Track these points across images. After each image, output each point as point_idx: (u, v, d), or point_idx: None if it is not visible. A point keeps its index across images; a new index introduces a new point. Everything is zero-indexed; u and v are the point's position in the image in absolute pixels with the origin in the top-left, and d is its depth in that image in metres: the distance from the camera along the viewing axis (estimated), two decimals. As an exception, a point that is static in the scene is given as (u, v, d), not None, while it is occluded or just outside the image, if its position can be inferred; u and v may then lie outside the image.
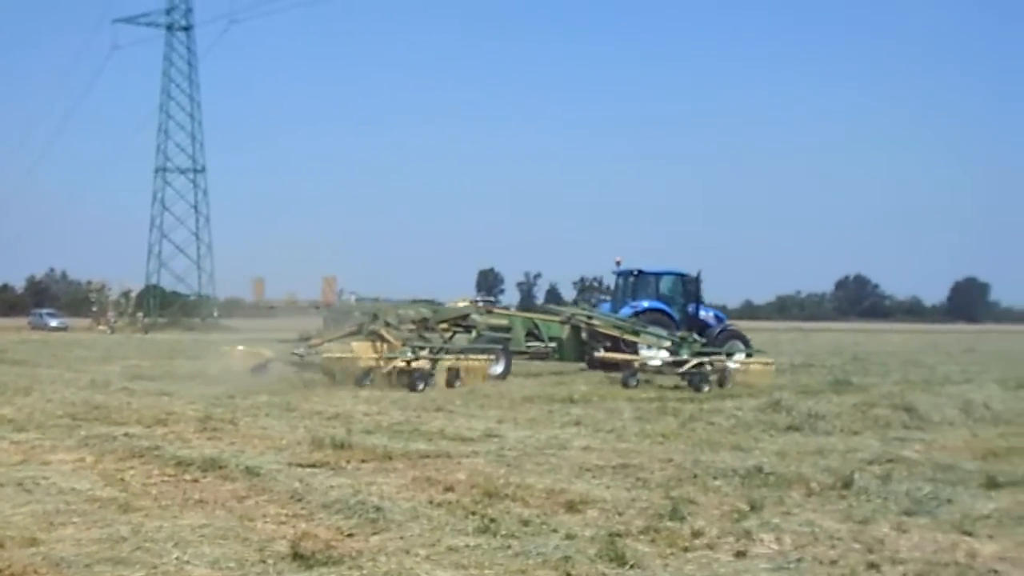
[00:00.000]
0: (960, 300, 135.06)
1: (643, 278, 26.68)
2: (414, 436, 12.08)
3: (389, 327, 20.33)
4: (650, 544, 6.91)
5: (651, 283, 26.63)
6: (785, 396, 15.15)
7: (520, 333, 23.60)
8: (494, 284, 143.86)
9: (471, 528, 7.24)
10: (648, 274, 26.72)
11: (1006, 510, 7.93)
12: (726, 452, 10.96)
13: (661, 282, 26.60)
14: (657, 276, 26.66)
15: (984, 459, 10.87)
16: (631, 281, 26.83)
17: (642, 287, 26.58)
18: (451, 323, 22.58)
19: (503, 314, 25.12)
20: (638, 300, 25.86)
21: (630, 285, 26.80)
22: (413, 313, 21.65)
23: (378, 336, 20.06)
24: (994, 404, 15.18)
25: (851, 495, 8.61)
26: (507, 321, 23.93)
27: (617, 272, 27.33)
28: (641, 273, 26.75)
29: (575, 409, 15.05)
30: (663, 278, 26.61)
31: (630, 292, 26.62)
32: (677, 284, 26.42)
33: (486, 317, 23.35)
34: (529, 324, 24.23)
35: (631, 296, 26.37)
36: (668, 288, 26.50)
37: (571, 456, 10.60)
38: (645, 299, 25.87)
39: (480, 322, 22.70)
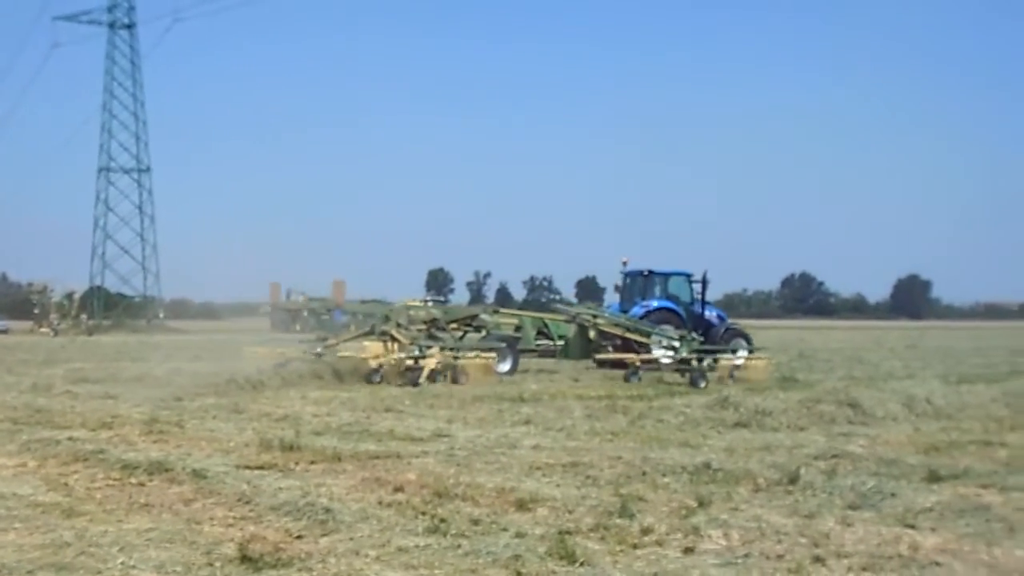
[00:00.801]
0: (903, 297, 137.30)
1: (652, 278, 27.46)
2: (364, 437, 12.03)
3: (400, 327, 21.09)
4: (600, 542, 6.94)
5: (660, 283, 27.43)
6: (733, 393, 15.30)
7: (530, 332, 24.31)
8: (444, 284, 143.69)
9: (421, 528, 7.23)
10: (658, 274, 27.50)
11: (947, 503, 8.07)
12: (675, 449, 11.04)
13: (670, 282, 27.41)
14: (666, 276, 27.47)
15: (926, 453, 11.06)
16: (640, 281, 27.56)
17: (652, 287, 27.37)
18: (461, 323, 23.37)
19: (513, 313, 26.16)
20: (648, 299, 26.70)
21: (639, 285, 27.56)
22: (424, 314, 22.70)
23: (390, 336, 20.79)
24: (936, 399, 15.44)
25: (797, 490, 8.72)
26: (518, 321, 24.78)
27: (625, 272, 27.99)
28: (651, 273, 27.52)
29: (525, 408, 15.07)
30: (671, 278, 27.43)
31: (639, 291, 27.40)
32: (684, 284, 27.25)
33: (496, 317, 24.27)
34: (539, 323, 24.97)
35: (641, 295, 27.15)
36: (676, 288, 27.30)
37: (521, 455, 10.61)
38: (655, 299, 26.73)
39: (490, 322, 23.53)
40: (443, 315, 23.24)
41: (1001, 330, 76.26)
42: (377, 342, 20.87)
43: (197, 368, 23.24)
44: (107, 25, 76.19)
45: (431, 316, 22.68)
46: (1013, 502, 8.26)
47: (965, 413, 14.82)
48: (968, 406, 15.31)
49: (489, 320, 23.75)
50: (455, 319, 23.43)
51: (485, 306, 26.72)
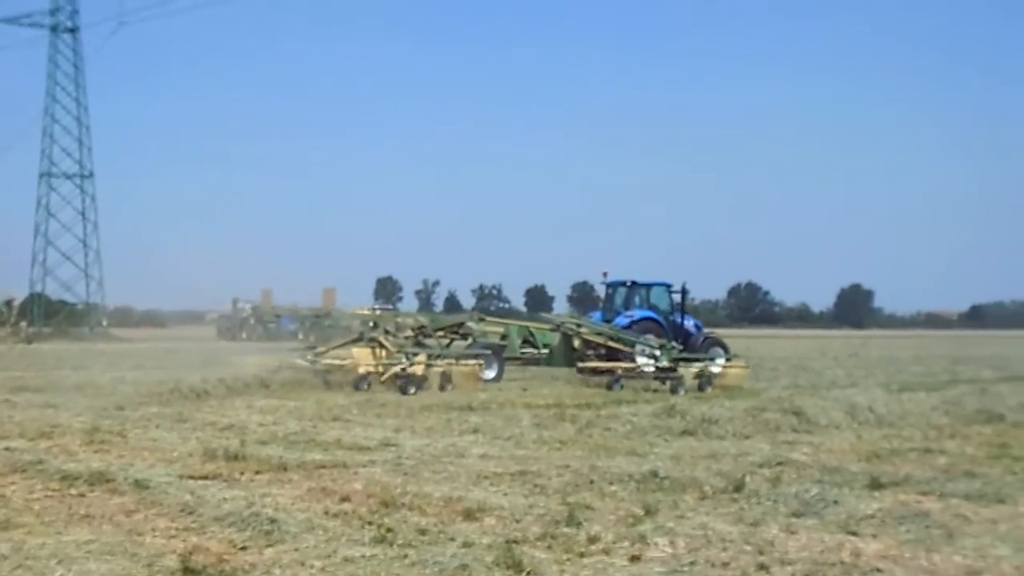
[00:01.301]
0: (846, 306, 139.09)
1: (636, 289, 27.90)
2: (310, 446, 11.94)
3: (388, 334, 21.55)
4: (547, 550, 6.95)
5: (642, 294, 27.84)
6: (679, 401, 15.43)
7: (515, 340, 24.88)
8: (393, 292, 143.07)
9: (367, 538, 7.19)
10: (640, 285, 27.92)
11: (888, 510, 8.19)
12: (622, 457, 11.09)
13: (652, 293, 27.78)
14: (648, 287, 27.87)
15: (868, 461, 11.23)
16: (623, 292, 28.01)
17: (634, 297, 27.81)
18: (448, 330, 23.84)
19: (499, 322, 26.86)
20: (631, 310, 27.09)
21: (621, 295, 27.99)
22: (411, 321, 23.49)
23: (377, 343, 21.11)
24: (878, 407, 15.66)
25: (742, 498, 8.81)
26: (503, 329, 25.36)
27: (607, 283, 28.40)
28: (635, 284, 27.97)
29: (473, 417, 15.05)
30: (653, 289, 27.80)
31: (622, 302, 27.84)
32: (664, 294, 27.58)
33: (482, 325, 24.85)
34: (525, 332, 25.56)
35: (624, 306, 27.59)
36: (657, 298, 27.63)
37: (469, 464, 10.60)
38: (637, 309, 27.08)
39: (476, 330, 24.06)
40: (430, 323, 23.80)
41: (941, 339, 77.63)
42: (365, 349, 21.20)
43: (140, 377, 22.95)
44: (49, 29, 75.01)
45: (419, 324, 23.26)
46: (952, 509, 8.41)
47: (906, 421, 15.06)
48: (909, 414, 15.56)
49: (475, 328, 24.19)
50: (442, 327, 23.96)
51: (471, 314, 27.23)
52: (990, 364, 33.23)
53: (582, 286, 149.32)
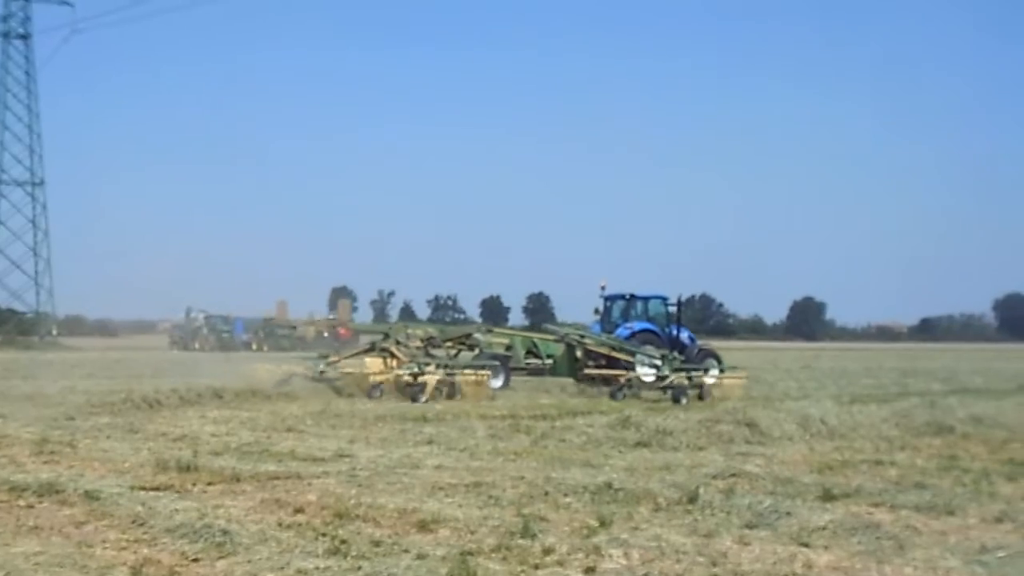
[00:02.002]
0: (798, 319, 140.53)
1: (634, 302, 28.81)
2: (263, 457, 11.85)
3: (399, 345, 22.34)
4: (501, 562, 6.94)
5: (641, 306, 28.73)
6: (634, 413, 15.47)
7: (520, 351, 26.03)
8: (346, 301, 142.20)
9: (321, 550, 7.14)
10: (639, 298, 28.84)
11: (840, 521, 8.27)
12: (577, 469, 11.10)
13: (649, 305, 28.66)
14: (646, 300, 28.79)
15: (820, 472, 11.33)
16: (622, 304, 28.87)
17: (632, 310, 28.69)
18: (456, 341, 24.76)
19: (505, 333, 28.21)
20: (630, 322, 27.92)
21: (621, 308, 28.82)
22: (421, 332, 24.35)
23: (389, 353, 22.01)
24: (830, 419, 15.81)
25: (696, 509, 8.85)
26: (508, 340, 26.52)
27: (605, 296, 29.09)
28: (633, 297, 28.89)
29: (428, 428, 15.02)
30: (651, 301, 28.72)
31: (620, 314, 28.63)
32: (661, 307, 28.49)
33: (489, 336, 25.87)
34: (529, 343, 26.82)
35: (623, 318, 28.38)
36: (654, 311, 28.52)
37: (423, 475, 10.57)
38: (636, 321, 27.95)
39: (483, 341, 24.96)
40: (439, 334, 24.77)
41: (891, 351, 78.69)
42: (377, 359, 22.06)
43: (91, 386, 22.67)
44: (0, 35, 74.08)
45: (428, 335, 24.21)
46: (902, 520, 8.52)
47: (857, 433, 15.22)
48: (860, 426, 15.72)
49: (482, 339, 25.04)
50: (450, 338, 24.85)
51: (479, 325, 28.69)
52: (939, 377, 33.71)
53: (538, 297, 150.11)
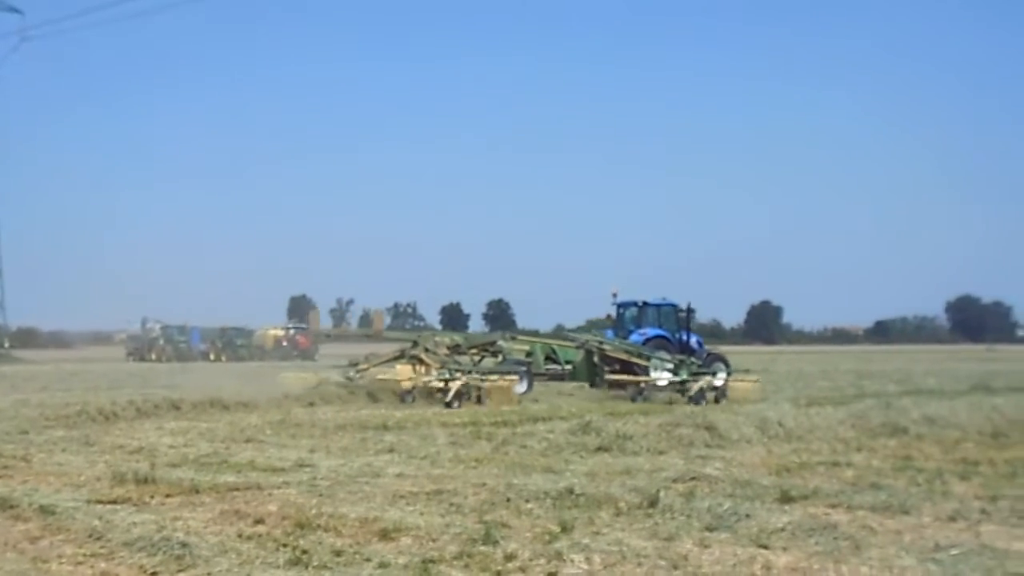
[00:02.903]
0: (756, 322, 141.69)
1: (647, 309, 29.68)
2: (222, 468, 11.76)
3: (428, 352, 23.21)
4: (463, 569, 6.95)
5: (653, 313, 29.58)
6: (595, 418, 15.53)
7: (540, 357, 27.14)
8: (306, 311, 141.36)
9: (282, 561, 7.10)
10: (651, 305, 29.68)
11: (798, 523, 8.35)
12: (538, 475, 11.13)
13: (661, 312, 29.53)
14: (658, 307, 29.65)
15: (778, 474, 11.44)
16: (635, 311, 29.76)
17: (645, 316, 29.57)
18: (480, 348, 25.88)
19: (527, 340, 28.83)
20: (643, 328, 28.77)
21: (633, 315, 29.72)
22: (447, 340, 25.31)
23: (418, 360, 22.96)
24: (787, 422, 15.97)
25: (657, 513, 8.90)
26: (528, 347, 27.41)
27: (618, 303, 30.07)
28: (646, 304, 29.72)
29: (389, 436, 14.98)
30: (663, 308, 29.58)
31: (633, 321, 29.52)
32: (672, 314, 29.30)
33: (511, 343, 26.91)
34: (548, 349, 27.95)
35: (636, 325, 29.25)
36: (666, 317, 29.38)
37: (385, 484, 10.54)
38: (649, 327, 28.80)
39: (506, 348, 26.15)
40: (464, 341, 25.93)
41: (847, 354, 79.54)
42: (407, 365, 23.05)
43: (45, 399, 22.35)
44: (-53, 43, 72.89)
45: (454, 342, 25.21)
46: (859, 520, 8.62)
47: (814, 435, 15.37)
48: (817, 428, 15.88)
49: (505, 346, 26.26)
50: (474, 345, 26.08)
51: (503, 333, 29.60)
52: (894, 378, 34.14)
53: (498, 303, 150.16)
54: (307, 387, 23.04)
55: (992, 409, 18.49)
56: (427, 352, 23.24)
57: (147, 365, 53.51)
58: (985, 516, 8.88)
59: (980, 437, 15.47)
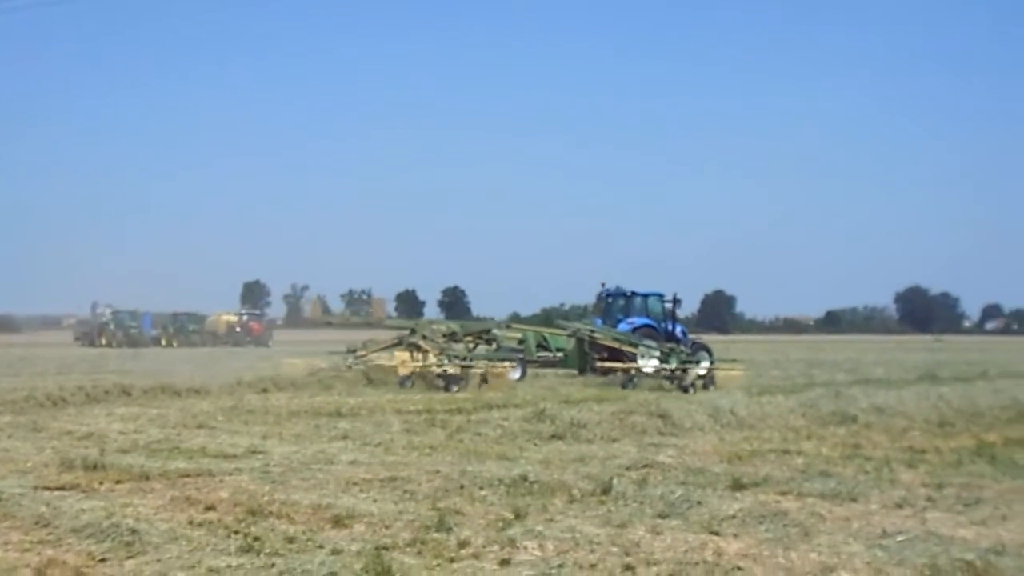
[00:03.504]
0: (709, 311, 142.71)
1: (634, 299, 30.44)
2: (173, 454, 11.65)
3: (426, 339, 23.92)
4: (416, 556, 6.94)
5: (641, 303, 30.35)
6: (549, 406, 15.57)
7: (532, 345, 27.86)
8: (260, 297, 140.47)
9: (233, 547, 7.05)
10: (639, 295, 30.46)
11: (749, 510, 8.45)
12: (492, 462, 11.15)
13: (648, 302, 30.28)
14: (645, 297, 30.42)
15: (730, 462, 11.55)
16: (623, 301, 30.56)
17: (633, 306, 30.34)
18: (475, 336, 26.27)
19: (520, 328, 29.67)
20: (631, 318, 29.51)
21: (621, 304, 30.50)
22: (444, 328, 26.01)
23: (416, 347, 23.69)
24: (739, 410, 16.13)
25: (610, 500, 8.96)
26: (521, 335, 28.18)
27: (606, 293, 31.06)
28: (634, 294, 30.49)
29: (343, 423, 14.90)
30: (649, 298, 30.35)
31: (621, 310, 30.28)
32: (658, 303, 30.13)
33: (505, 331, 27.62)
34: (540, 337, 28.63)
35: (624, 314, 29.95)
36: (652, 307, 30.17)
37: (338, 471, 10.49)
38: (637, 317, 29.60)
39: (501, 336, 26.75)
40: (460, 329, 26.35)
41: (798, 343, 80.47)
42: (405, 352, 23.85)
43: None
44: None
45: (450, 330, 25.87)
46: (808, 507, 8.73)
47: (766, 423, 15.55)
48: (768, 416, 16.06)
49: (500, 334, 26.82)
50: (470, 333, 26.39)
51: (498, 322, 30.17)
52: (844, 368, 34.58)
53: (453, 291, 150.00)
54: (308, 372, 24.02)
55: (938, 399, 18.83)
56: (424, 339, 23.98)
57: (97, 350, 52.79)
58: (931, 503, 9.05)
59: (927, 426, 15.74)
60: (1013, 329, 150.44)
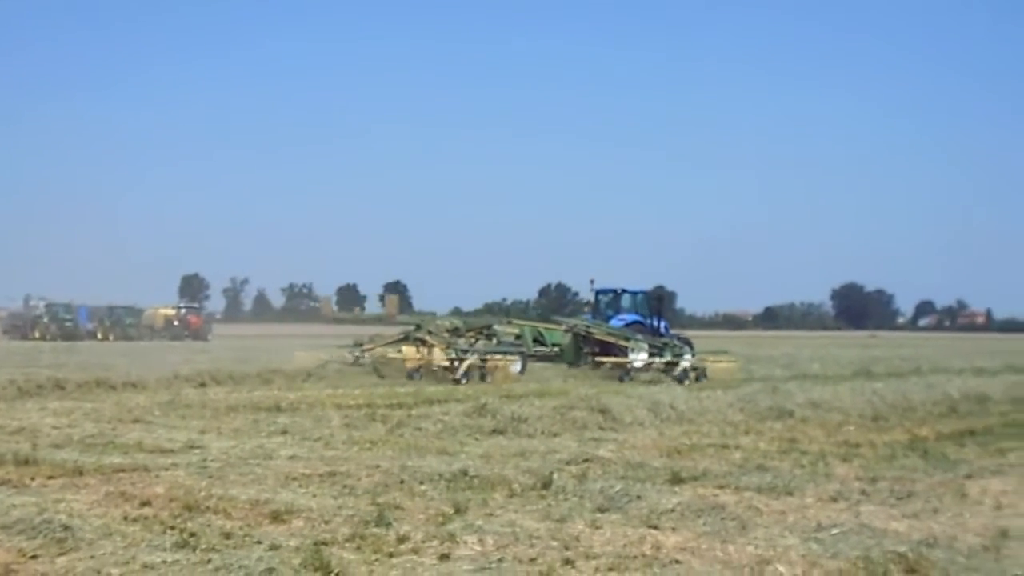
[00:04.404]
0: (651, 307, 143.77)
1: (624, 296, 32.03)
2: (108, 449, 11.45)
3: (431, 334, 25.32)
4: (355, 551, 6.90)
5: (629, 299, 31.89)
6: (490, 400, 15.56)
7: (529, 340, 28.63)
8: (199, 290, 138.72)
9: (169, 543, 6.95)
10: (628, 292, 32.06)
11: (688, 503, 8.52)
12: (433, 457, 11.12)
13: (637, 299, 31.77)
14: (634, 294, 31.98)
15: (669, 456, 11.66)
16: (613, 298, 32.14)
17: (622, 303, 31.88)
18: (477, 331, 27.65)
19: (519, 324, 30.54)
20: (622, 314, 30.98)
21: (611, 301, 32.06)
22: (447, 324, 27.66)
23: (422, 341, 24.90)
24: (679, 404, 16.29)
25: (550, 495, 8.98)
26: (518, 330, 29.21)
27: (597, 290, 32.53)
28: (624, 291, 32.10)
29: (282, 418, 14.75)
30: (638, 295, 31.92)
31: (611, 306, 31.82)
32: (646, 300, 31.70)
33: (505, 327, 29.33)
34: (536, 332, 29.40)
35: (614, 310, 31.48)
36: (640, 303, 31.61)
37: (277, 466, 10.40)
38: (627, 313, 31.09)
39: (501, 331, 28.44)
40: (462, 324, 28.01)
41: (737, 339, 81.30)
42: (411, 346, 24.85)
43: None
44: None
45: (453, 325, 27.44)
46: (745, 501, 8.83)
47: (704, 418, 15.72)
48: (707, 411, 16.24)
49: (500, 330, 28.54)
50: (472, 328, 27.90)
51: (499, 318, 32.93)
52: (780, 363, 34.98)
53: (395, 285, 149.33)
54: (316, 363, 25.44)
55: (873, 393, 19.19)
56: (430, 334, 25.32)
57: (30, 344, 51.66)
58: (865, 497, 9.21)
59: (861, 420, 16.03)
60: (945, 325, 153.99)
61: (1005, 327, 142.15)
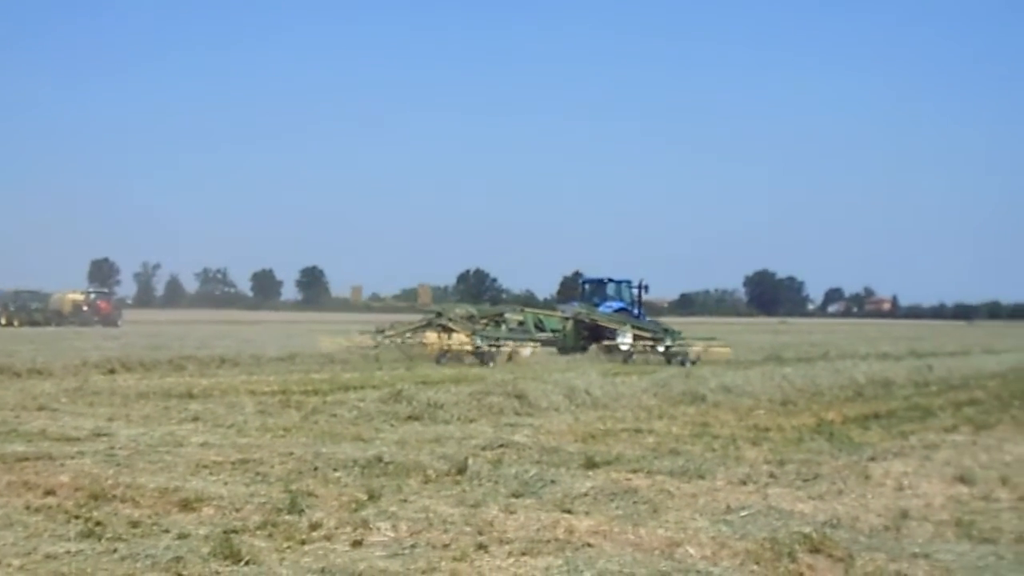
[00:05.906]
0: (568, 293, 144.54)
1: (610, 284, 34.48)
2: (11, 437, 11.15)
3: (453, 321, 27.55)
4: (267, 539, 6.83)
5: (614, 288, 34.34)
6: (406, 387, 15.51)
7: (531, 326, 31.15)
8: (109, 275, 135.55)
9: (73, 533, 6.80)
10: (615, 282, 34.52)
11: (601, 488, 8.61)
12: (347, 443, 11.05)
13: (621, 287, 34.28)
14: (618, 283, 34.51)
15: (584, 441, 11.76)
16: (598, 286, 34.77)
17: (608, 291, 34.26)
18: (490, 318, 29.98)
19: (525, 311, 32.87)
20: (609, 302, 33.34)
21: (597, 289, 34.63)
22: (463, 311, 29.60)
23: (444, 328, 27.30)
24: (594, 390, 16.44)
25: (465, 480, 9.00)
26: (521, 317, 31.60)
27: (584, 279, 36.08)
28: (611, 280, 34.64)
29: (194, 404, 14.50)
30: (622, 284, 34.41)
31: (597, 294, 34.22)
32: (628, 290, 34.18)
33: (515, 315, 31.64)
34: (536, 319, 32.02)
35: (602, 298, 33.79)
36: (625, 292, 34.13)
37: (188, 453, 10.22)
38: (615, 301, 33.44)
39: (511, 319, 30.90)
40: (477, 312, 30.07)
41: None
42: (434, 332, 27.27)
43: None
44: None
45: (469, 313, 29.43)
46: (658, 485, 8.95)
47: (619, 403, 15.88)
48: (622, 396, 16.42)
49: (511, 318, 30.91)
50: (486, 315, 30.14)
51: (511, 306, 35.15)
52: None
53: (312, 271, 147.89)
54: (339, 348, 26.73)
55: (782, 379, 19.61)
56: (451, 321, 27.42)
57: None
58: (773, 479, 9.40)
59: (771, 405, 16.37)
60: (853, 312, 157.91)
61: (910, 313, 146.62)
